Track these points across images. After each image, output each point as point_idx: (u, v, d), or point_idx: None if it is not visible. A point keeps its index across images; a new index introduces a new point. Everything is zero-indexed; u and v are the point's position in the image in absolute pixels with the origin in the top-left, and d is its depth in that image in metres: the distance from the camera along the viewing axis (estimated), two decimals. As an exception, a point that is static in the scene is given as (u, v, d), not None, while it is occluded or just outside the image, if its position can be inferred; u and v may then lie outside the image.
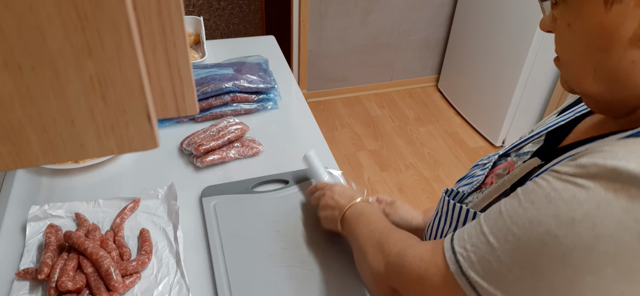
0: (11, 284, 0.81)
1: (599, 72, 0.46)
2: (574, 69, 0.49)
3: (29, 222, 0.90)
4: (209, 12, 3.39)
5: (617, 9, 0.42)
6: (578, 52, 0.47)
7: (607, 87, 0.47)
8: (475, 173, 0.71)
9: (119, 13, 0.23)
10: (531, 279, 0.42)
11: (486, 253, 0.46)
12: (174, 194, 0.96)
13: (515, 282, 0.43)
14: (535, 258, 0.42)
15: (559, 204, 0.41)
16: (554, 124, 0.64)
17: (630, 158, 0.39)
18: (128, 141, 0.27)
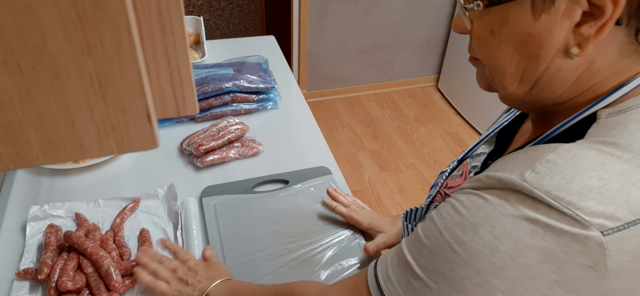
0: (11, 284, 0.81)
1: (525, 77, 0.47)
2: (497, 73, 0.49)
3: (29, 221, 0.90)
4: (209, 12, 3.39)
5: (545, 20, 0.42)
6: (502, 58, 0.47)
7: (529, 90, 0.48)
8: (437, 182, 0.71)
9: (119, 13, 0.23)
10: (447, 291, 0.43)
11: (405, 273, 0.46)
12: (174, 194, 0.96)
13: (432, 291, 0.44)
14: (448, 269, 0.42)
15: (462, 212, 0.43)
16: (503, 123, 0.66)
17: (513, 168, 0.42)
18: (128, 141, 0.27)
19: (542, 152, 0.42)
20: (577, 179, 0.39)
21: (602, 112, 0.44)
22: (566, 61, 0.44)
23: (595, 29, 0.41)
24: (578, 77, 0.45)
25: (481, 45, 0.49)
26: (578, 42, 0.42)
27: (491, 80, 0.51)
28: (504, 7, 0.44)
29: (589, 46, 0.42)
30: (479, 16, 0.47)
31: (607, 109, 0.44)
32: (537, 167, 0.40)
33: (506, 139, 0.64)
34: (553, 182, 0.39)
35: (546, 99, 0.48)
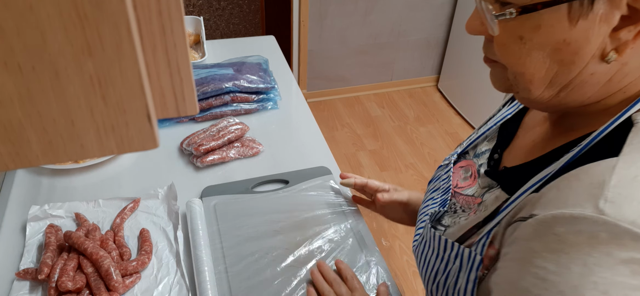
0: (11, 284, 0.81)
1: (554, 82, 0.46)
2: (523, 78, 0.47)
3: (29, 221, 0.90)
4: (209, 12, 3.39)
5: (582, 25, 0.41)
6: (532, 64, 0.45)
7: (557, 94, 0.47)
8: (440, 176, 0.70)
9: (119, 13, 0.23)
10: None
11: None
12: (174, 194, 0.96)
13: None
14: None
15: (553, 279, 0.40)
16: (503, 117, 0.65)
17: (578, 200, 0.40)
18: (128, 141, 0.27)
19: (601, 175, 0.40)
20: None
21: (638, 116, 0.43)
22: (601, 65, 0.43)
23: (635, 34, 0.40)
24: (610, 79, 0.44)
25: (507, 51, 0.47)
26: (615, 47, 0.41)
27: (514, 83, 0.49)
28: (537, 13, 0.42)
29: (627, 50, 0.41)
30: (505, 21, 0.45)
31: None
32: (607, 195, 0.38)
33: (509, 133, 0.63)
34: (631, 208, 0.37)
35: (573, 102, 0.47)
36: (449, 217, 0.64)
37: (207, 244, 0.88)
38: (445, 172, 0.69)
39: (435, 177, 0.73)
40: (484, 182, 0.61)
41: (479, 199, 0.60)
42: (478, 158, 0.65)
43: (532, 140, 0.58)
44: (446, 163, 0.71)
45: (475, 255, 0.53)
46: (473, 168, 0.65)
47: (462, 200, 0.64)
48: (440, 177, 0.70)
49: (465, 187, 0.65)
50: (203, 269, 0.82)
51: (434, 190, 0.71)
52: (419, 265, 0.66)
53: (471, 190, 0.63)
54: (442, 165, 0.73)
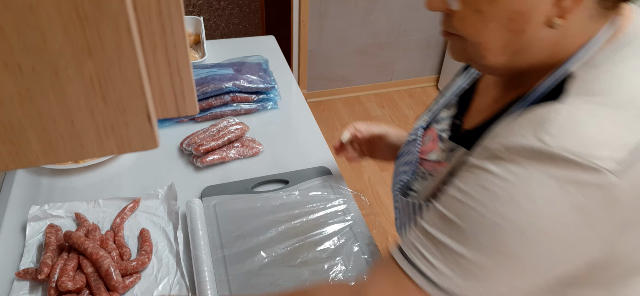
0: (11, 284, 0.81)
1: (507, 49, 0.52)
2: (480, 47, 0.53)
3: (29, 222, 0.90)
4: (209, 12, 3.39)
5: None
6: (488, 33, 0.51)
7: (510, 59, 0.53)
8: (410, 151, 0.75)
9: (119, 13, 0.23)
10: (504, 262, 0.47)
11: (454, 258, 0.48)
12: (174, 194, 0.96)
13: (489, 272, 0.47)
14: (501, 244, 0.46)
15: (494, 189, 0.47)
16: (460, 88, 0.71)
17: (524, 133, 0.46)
18: (128, 141, 0.27)
19: (543, 115, 0.47)
20: (583, 132, 0.44)
21: (576, 70, 0.50)
22: (547, 31, 0.49)
23: (574, 1, 0.47)
24: (555, 42, 0.50)
25: (466, 24, 0.52)
26: (559, 13, 0.48)
27: (472, 53, 0.55)
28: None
29: (569, 16, 0.48)
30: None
31: (581, 66, 0.50)
32: (547, 128, 0.45)
33: (466, 100, 0.69)
34: (568, 140, 0.44)
35: (524, 64, 0.53)
36: (418, 183, 0.69)
37: (207, 244, 0.88)
38: (414, 147, 0.74)
39: (404, 152, 0.77)
40: (447, 145, 0.67)
41: (445, 164, 0.64)
42: (438, 123, 0.72)
43: (487, 102, 0.64)
44: (413, 138, 0.76)
45: None
46: (433, 133, 0.72)
47: (429, 166, 0.69)
48: (410, 152, 0.75)
49: (427, 150, 0.71)
50: (203, 269, 0.82)
51: (405, 164, 0.75)
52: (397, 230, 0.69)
53: (434, 154, 0.69)
54: (409, 140, 0.78)
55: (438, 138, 0.70)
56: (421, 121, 0.76)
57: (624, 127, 0.44)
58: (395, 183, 0.76)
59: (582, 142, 0.43)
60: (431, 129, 0.72)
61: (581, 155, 0.43)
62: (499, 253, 0.46)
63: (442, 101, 0.74)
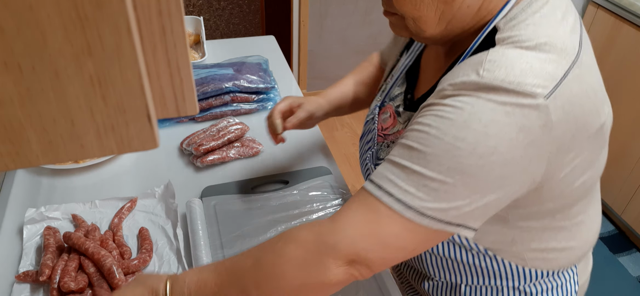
0: (11, 287, 0.81)
1: (442, 19, 0.60)
2: (420, 21, 0.61)
3: (26, 224, 0.90)
4: (209, 12, 3.39)
5: None
6: (424, 8, 0.59)
7: (445, 28, 0.61)
8: (370, 129, 0.83)
9: (119, 13, 0.23)
10: (462, 179, 0.53)
11: (420, 180, 0.54)
12: (172, 192, 0.96)
13: (451, 189, 0.54)
14: (457, 162, 0.53)
15: (450, 116, 0.53)
16: (405, 66, 0.79)
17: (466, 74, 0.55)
18: (128, 141, 0.27)
19: (480, 58, 0.55)
20: (515, 67, 0.53)
21: (500, 24, 0.58)
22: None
23: None
24: (479, 7, 0.59)
25: (405, 4, 0.60)
26: None
27: (412, 27, 0.62)
28: None
29: None
30: None
31: (503, 20, 0.58)
32: (485, 66, 0.54)
33: (413, 75, 0.77)
34: (502, 72, 0.53)
35: (457, 30, 0.62)
36: (384, 151, 0.77)
37: (207, 244, 0.88)
38: (374, 123, 0.82)
39: (365, 132, 0.85)
40: (405, 116, 0.75)
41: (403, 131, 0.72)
42: (393, 101, 0.80)
43: (431, 73, 0.73)
44: (371, 117, 0.84)
45: None
46: (390, 109, 0.79)
47: (392, 137, 0.77)
48: (370, 130, 0.83)
49: (389, 126, 0.78)
50: (203, 269, 0.82)
51: (368, 142, 0.83)
52: None
53: (395, 128, 0.77)
54: (367, 119, 0.86)
55: (395, 113, 0.78)
56: (376, 101, 0.84)
57: (547, 63, 0.53)
58: (363, 160, 0.84)
59: (515, 74, 0.52)
60: (388, 106, 0.80)
61: (517, 84, 0.51)
62: (456, 171, 0.53)
63: (391, 81, 0.82)
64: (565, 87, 0.53)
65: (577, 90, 0.54)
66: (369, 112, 0.86)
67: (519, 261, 0.70)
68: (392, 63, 0.87)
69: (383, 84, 0.86)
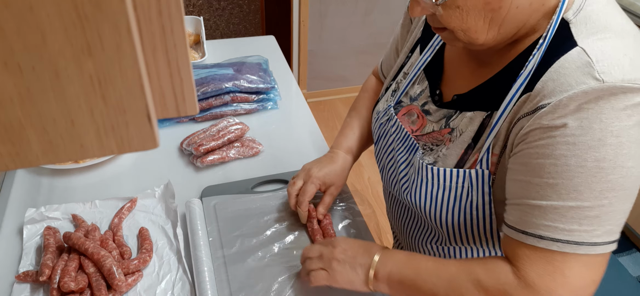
0: (11, 287, 0.81)
1: (492, 25, 0.59)
2: (470, 32, 0.60)
3: (26, 224, 0.90)
4: (209, 12, 3.39)
5: None
6: (472, 20, 0.59)
7: (497, 32, 0.60)
8: (388, 130, 0.81)
9: (119, 13, 0.23)
10: (616, 195, 0.54)
11: (578, 212, 0.55)
12: (171, 192, 0.96)
13: (608, 208, 0.55)
14: (605, 181, 0.53)
15: (580, 139, 0.53)
16: (424, 63, 0.78)
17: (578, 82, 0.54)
18: (128, 141, 0.27)
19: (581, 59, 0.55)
20: (622, 62, 0.53)
21: (569, 16, 0.58)
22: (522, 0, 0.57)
23: None
24: (530, 4, 0.58)
25: (451, 19, 0.60)
26: None
27: (464, 39, 0.62)
28: None
29: None
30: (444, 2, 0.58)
31: (570, 12, 0.58)
32: (598, 68, 0.53)
33: (436, 72, 0.76)
34: (618, 71, 0.52)
35: (512, 30, 0.60)
36: (428, 155, 0.74)
37: (207, 244, 0.88)
38: (392, 125, 0.81)
39: (382, 134, 0.84)
40: (439, 114, 0.74)
41: (446, 130, 0.72)
42: (417, 100, 0.78)
43: (463, 71, 0.72)
44: (387, 118, 0.82)
45: (483, 171, 0.66)
46: (416, 110, 0.78)
47: (426, 138, 0.75)
48: (388, 132, 0.81)
49: (419, 128, 0.77)
50: (203, 269, 0.82)
51: (390, 144, 0.82)
52: (424, 205, 0.74)
53: (428, 127, 0.75)
54: (381, 122, 0.84)
55: (423, 113, 0.77)
56: (386, 102, 0.83)
57: (632, 49, 0.54)
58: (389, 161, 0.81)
59: (628, 69, 0.52)
60: (412, 107, 0.79)
61: (631, 81, 0.52)
62: (609, 190, 0.54)
63: (405, 81, 0.80)
64: None
65: None
66: (380, 114, 0.84)
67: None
68: (401, 61, 0.85)
69: (391, 84, 0.85)
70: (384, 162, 0.84)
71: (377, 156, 0.87)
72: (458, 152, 0.69)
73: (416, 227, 0.86)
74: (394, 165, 0.81)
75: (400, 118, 0.80)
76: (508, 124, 0.62)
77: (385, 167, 0.85)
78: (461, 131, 0.69)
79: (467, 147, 0.68)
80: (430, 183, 0.72)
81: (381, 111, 0.85)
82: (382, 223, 2.17)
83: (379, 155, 0.86)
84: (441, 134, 0.72)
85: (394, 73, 0.86)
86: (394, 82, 0.85)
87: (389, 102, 0.82)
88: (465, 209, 0.70)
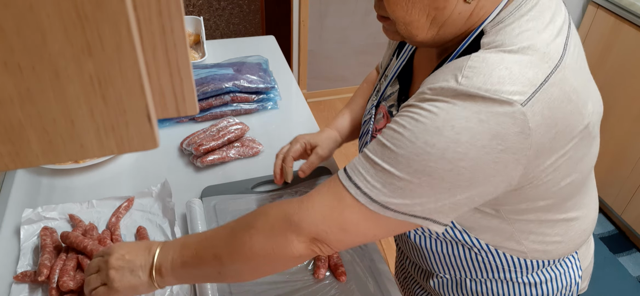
0: (10, 287, 0.81)
1: (433, 24, 0.61)
2: (411, 26, 0.62)
3: (23, 225, 0.90)
4: (209, 12, 3.39)
5: None
6: (415, 13, 0.60)
7: (436, 33, 0.62)
8: (367, 129, 0.84)
9: (119, 13, 0.23)
10: (428, 180, 0.55)
11: (387, 178, 0.57)
12: (168, 191, 0.96)
13: (417, 188, 0.56)
14: (426, 166, 0.55)
15: (424, 121, 0.55)
16: (398, 68, 0.80)
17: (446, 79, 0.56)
18: (128, 141, 0.27)
19: (461, 63, 0.56)
20: (493, 74, 0.53)
21: (487, 27, 0.59)
22: (464, 5, 0.59)
23: None
24: (470, 14, 0.60)
25: (396, 8, 0.61)
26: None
27: (404, 32, 0.63)
28: None
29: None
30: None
31: (490, 24, 0.59)
32: (464, 73, 0.55)
33: (406, 77, 0.79)
34: (480, 80, 0.53)
35: (449, 35, 0.62)
36: None
37: None
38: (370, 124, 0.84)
39: (363, 132, 0.87)
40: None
41: None
42: (386, 101, 0.82)
43: (425, 74, 0.72)
44: (368, 117, 0.85)
45: None
46: (384, 110, 0.81)
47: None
48: (367, 130, 0.85)
49: (382, 127, 0.80)
50: (203, 269, 0.82)
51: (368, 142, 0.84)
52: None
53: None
54: (365, 119, 0.87)
55: (388, 113, 0.80)
56: (371, 101, 0.86)
57: (528, 68, 0.54)
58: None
59: (493, 81, 0.53)
60: (381, 107, 0.82)
61: (494, 92, 0.52)
62: (424, 173, 0.55)
63: (385, 82, 0.84)
64: (545, 93, 0.54)
65: (557, 94, 0.54)
66: (366, 112, 0.88)
67: (519, 255, 0.71)
68: (385, 64, 0.89)
69: (378, 84, 0.88)
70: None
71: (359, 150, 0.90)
72: None
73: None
74: None
75: (375, 117, 0.84)
76: None
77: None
78: None
79: None
80: None
81: (367, 109, 0.88)
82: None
83: (359, 149, 0.89)
84: None
85: (381, 73, 0.90)
86: (378, 83, 0.88)
87: (373, 101, 0.86)
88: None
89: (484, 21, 0.60)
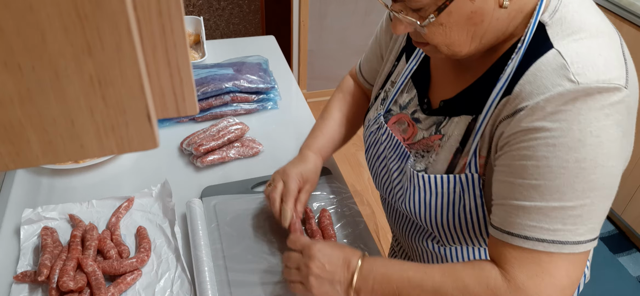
0: (10, 287, 0.81)
1: (474, 38, 0.61)
2: (453, 46, 0.62)
3: (23, 225, 0.90)
4: (209, 12, 3.39)
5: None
6: (455, 35, 0.60)
7: (479, 43, 0.62)
8: (379, 139, 0.82)
9: (119, 13, 0.23)
10: (597, 193, 0.56)
11: (561, 213, 0.56)
12: (168, 191, 0.96)
13: (591, 206, 0.56)
14: (588, 181, 0.54)
15: (562, 140, 0.54)
16: (410, 71, 0.79)
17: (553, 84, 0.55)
18: (128, 141, 0.27)
19: (557, 62, 0.56)
20: (597, 62, 0.54)
21: (544, 18, 0.59)
22: (501, 11, 0.58)
23: None
24: (508, 14, 0.59)
25: (435, 36, 0.61)
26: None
27: (447, 52, 0.63)
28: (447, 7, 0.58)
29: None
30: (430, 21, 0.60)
31: (547, 14, 0.59)
32: (572, 70, 0.54)
33: (423, 80, 0.77)
34: (593, 72, 0.54)
35: (493, 40, 0.62)
36: (419, 163, 0.74)
37: (207, 244, 0.88)
38: (382, 133, 0.81)
39: (372, 143, 0.84)
40: (429, 122, 0.74)
41: (436, 136, 0.72)
42: (406, 109, 0.79)
43: (449, 77, 0.73)
44: (377, 126, 0.83)
45: (472, 175, 0.66)
46: (407, 118, 0.79)
47: (418, 146, 0.75)
48: (378, 140, 0.82)
49: (410, 136, 0.77)
50: (203, 269, 0.82)
51: (381, 153, 0.82)
52: (419, 212, 0.75)
53: (419, 134, 0.76)
54: (372, 130, 0.85)
55: (413, 121, 0.77)
56: (375, 111, 0.84)
57: (609, 49, 0.56)
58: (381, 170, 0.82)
59: (602, 70, 0.54)
60: (402, 116, 0.79)
61: (608, 82, 0.53)
62: (590, 190, 0.55)
63: (393, 89, 0.81)
64: (629, 67, 0.56)
65: (630, 65, 0.57)
66: (371, 122, 0.85)
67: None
68: (388, 70, 0.85)
69: (380, 93, 0.85)
70: (376, 169, 0.85)
71: (368, 163, 0.88)
72: (447, 157, 0.69)
73: (414, 229, 0.86)
74: (387, 173, 0.82)
75: (390, 126, 0.80)
76: (491, 127, 0.63)
77: (378, 175, 0.85)
78: (449, 136, 0.70)
79: (456, 151, 0.68)
80: (422, 191, 0.73)
81: (371, 119, 0.85)
82: (382, 223, 2.17)
83: (371, 162, 0.87)
84: (431, 141, 0.73)
85: (381, 81, 0.87)
86: (382, 91, 0.85)
87: (379, 110, 0.83)
88: (459, 213, 0.70)
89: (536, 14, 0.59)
